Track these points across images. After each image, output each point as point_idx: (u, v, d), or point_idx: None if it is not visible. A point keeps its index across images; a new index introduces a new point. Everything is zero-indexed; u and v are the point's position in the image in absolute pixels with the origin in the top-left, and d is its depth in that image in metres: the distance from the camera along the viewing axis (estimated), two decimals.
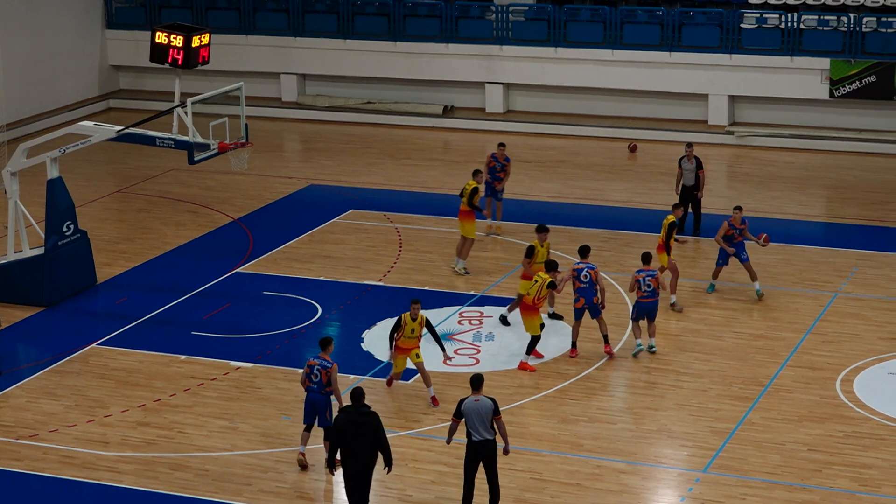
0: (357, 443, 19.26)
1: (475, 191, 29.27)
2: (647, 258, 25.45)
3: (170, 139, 27.95)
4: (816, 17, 39.04)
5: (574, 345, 25.48)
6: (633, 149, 39.07)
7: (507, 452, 20.02)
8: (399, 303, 28.16)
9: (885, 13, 38.87)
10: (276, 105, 43.88)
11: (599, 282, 25.11)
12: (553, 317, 26.87)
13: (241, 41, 44.03)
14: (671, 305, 27.26)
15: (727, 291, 27.97)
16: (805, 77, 38.91)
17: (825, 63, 38.55)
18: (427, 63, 42.46)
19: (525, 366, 24.77)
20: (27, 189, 31.16)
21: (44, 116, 42.29)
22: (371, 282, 29.37)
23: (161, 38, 27.64)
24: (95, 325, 27.56)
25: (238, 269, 30.31)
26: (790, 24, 39.10)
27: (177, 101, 28.03)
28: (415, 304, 23.27)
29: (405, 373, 24.57)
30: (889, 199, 34.46)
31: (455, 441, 20.17)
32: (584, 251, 25.53)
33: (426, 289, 28.84)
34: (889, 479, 20.99)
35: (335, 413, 20.09)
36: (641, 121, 40.80)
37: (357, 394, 19.52)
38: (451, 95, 42.86)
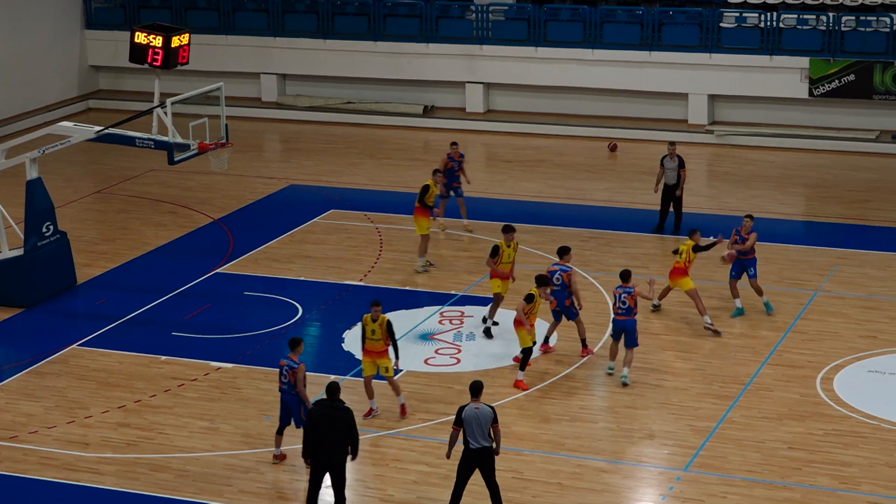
0: (331, 436, 19.36)
1: (426, 189, 29.31)
2: (626, 276, 24.25)
3: (150, 139, 27.89)
4: (796, 17, 39.13)
5: (546, 340, 25.48)
6: (614, 148, 39.10)
7: (497, 453, 19.79)
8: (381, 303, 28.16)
9: (864, 12, 38.98)
10: (257, 105, 43.83)
11: (573, 285, 24.98)
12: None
13: (221, 41, 43.96)
14: (706, 327, 26.33)
15: (708, 290, 27.98)
16: (785, 76, 39.00)
17: (804, 62, 38.64)
18: (407, 63, 42.44)
19: (520, 384, 24.15)
20: (6, 190, 31.08)
21: (23, 117, 42.18)
22: (352, 282, 29.35)
23: (140, 39, 27.59)
24: (75, 326, 27.49)
25: (218, 270, 30.26)
26: (770, 24, 39.18)
27: (156, 102, 27.97)
28: (375, 306, 22.70)
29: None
30: (869, 198, 34.55)
31: (440, 442, 20.12)
32: (561, 252, 25.44)
33: (407, 288, 28.84)
34: (869, 477, 21.04)
35: None
36: (622, 120, 40.84)
37: (332, 388, 19.61)
38: (432, 95, 42.85)
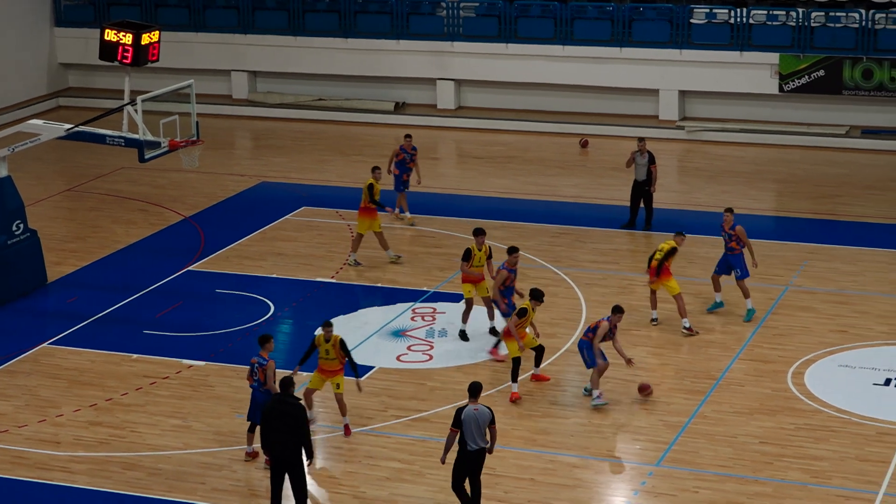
0: (280, 430, 19.37)
1: (371, 187, 29.32)
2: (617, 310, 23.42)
3: (120, 137, 27.81)
4: (765, 13, 39.26)
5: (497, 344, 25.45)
6: (585, 144, 39.17)
7: (491, 452, 19.66)
8: (352, 300, 28.19)
9: (833, 8, 39.11)
10: (227, 102, 43.75)
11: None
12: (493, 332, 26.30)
13: (191, 38, 43.85)
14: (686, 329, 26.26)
15: (680, 285, 28.04)
16: (754, 72, 39.13)
17: (774, 58, 38.77)
18: (378, 60, 42.42)
19: (515, 396, 23.56)
20: None
21: None
22: (323, 279, 29.33)
23: (110, 36, 27.51)
24: (46, 325, 27.40)
25: (190, 268, 30.20)
26: (739, 20, 39.29)
27: (127, 99, 27.89)
28: (326, 327, 22.06)
29: (358, 369, 24.66)
30: (838, 193, 34.69)
31: (412, 438, 20.10)
32: (509, 251, 25.17)
33: (379, 285, 28.83)
34: (840, 471, 21.14)
35: None
36: (592, 116, 40.88)
37: (285, 383, 19.61)
38: (403, 92, 42.83)
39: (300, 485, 19.62)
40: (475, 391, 19.53)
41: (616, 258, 29.92)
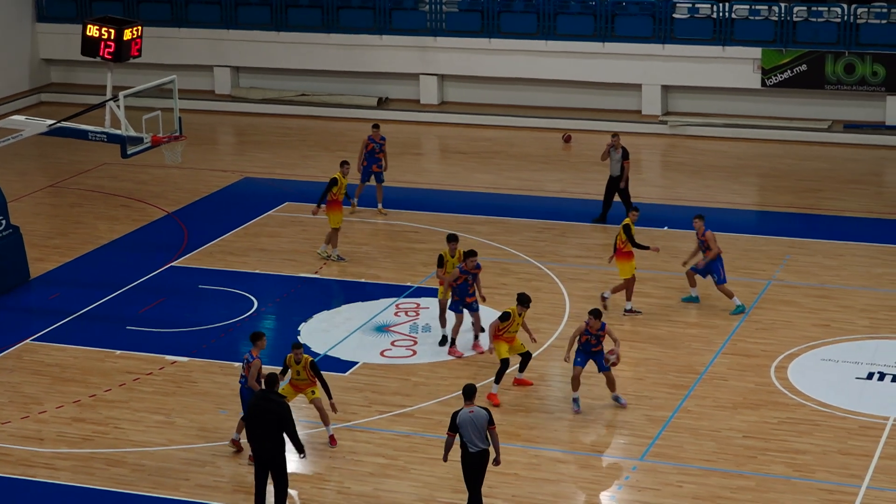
0: (260, 429, 19.34)
1: (333, 182, 29.33)
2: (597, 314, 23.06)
3: (102, 133, 27.76)
4: (748, 7, 39.31)
5: (453, 342, 25.35)
6: (568, 139, 39.18)
7: (498, 463, 19.44)
8: (335, 295, 28.18)
9: (816, 3, 39.16)
10: (210, 98, 43.68)
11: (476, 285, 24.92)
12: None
13: (174, 34, 43.77)
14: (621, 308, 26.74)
15: (661, 280, 28.11)
16: (737, 66, 39.18)
17: (757, 52, 38.83)
18: (361, 55, 42.39)
19: (493, 398, 23.27)
20: None
21: None
22: (307, 274, 29.31)
23: (92, 32, 27.44)
24: (29, 321, 27.33)
25: (173, 263, 30.15)
26: (722, 14, 39.33)
27: (109, 95, 27.84)
28: (296, 349, 21.64)
29: (342, 364, 24.70)
30: (820, 187, 34.76)
31: (396, 434, 20.09)
32: (465, 255, 25.01)
33: (362, 280, 28.82)
34: (823, 465, 21.19)
35: None
36: (575, 111, 40.90)
37: (270, 380, 19.57)
38: (386, 87, 42.80)
39: (281, 482, 19.60)
40: (469, 394, 19.24)
41: (599, 253, 29.92)
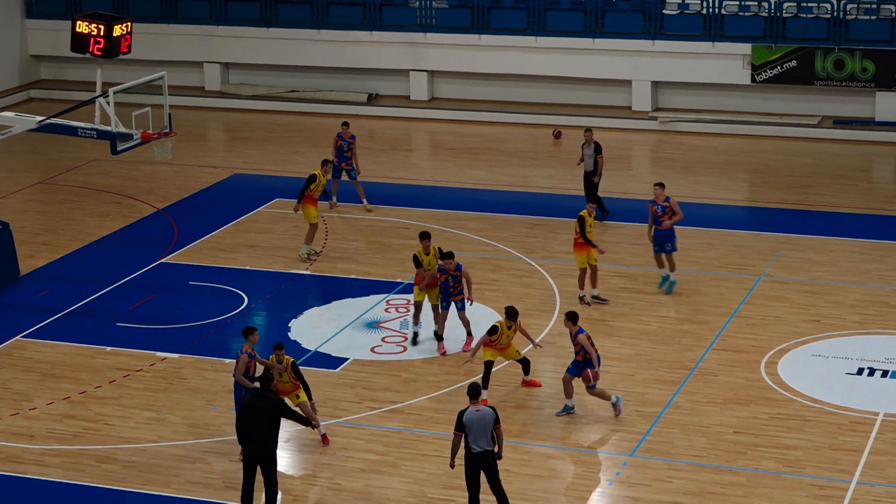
0: (258, 426, 19.31)
1: (312, 178, 29.34)
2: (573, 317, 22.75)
3: (92, 129, 27.73)
4: (738, 3, 39.32)
5: (440, 338, 25.31)
6: (558, 135, 39.19)
7: (500, 458, 19.35)
8: (325, 292, 28.18)
9: None
10: (200, 94, 43.62)
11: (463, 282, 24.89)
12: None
13: (164, 30, 43.72)
14: (588, 298, 26.95)
15: (653, 276, 28.12)
16: (727, 62, 39.20)
17: (747, 48, 38.85)
18: (351, 51, 42.37)
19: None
20: None
21: None
22: (298, 271, 29.30)
23: (82, 28, 27.42)
24: (19, 318, 27.29)
25: (163, 260, 30.12)
26: (712, 10, 39.36)
27: (99, 91, 27.81)
28: (278, 350, 21.35)
29: (332, 360, 24.72)
30: (810, 183, 34.80)
31: (387, 430, 20.07)
32: (442, 256, 24.96)
33: (353, 277, 28.82)
34: (813, 460, 21.23)
35: None
36: (566, 107, 40.91)
37: (264, 378, 19.59)
38: (376, 83, 42.78)
39: (271, 479, 19.58)
40: (475, 392, 19.14)
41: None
